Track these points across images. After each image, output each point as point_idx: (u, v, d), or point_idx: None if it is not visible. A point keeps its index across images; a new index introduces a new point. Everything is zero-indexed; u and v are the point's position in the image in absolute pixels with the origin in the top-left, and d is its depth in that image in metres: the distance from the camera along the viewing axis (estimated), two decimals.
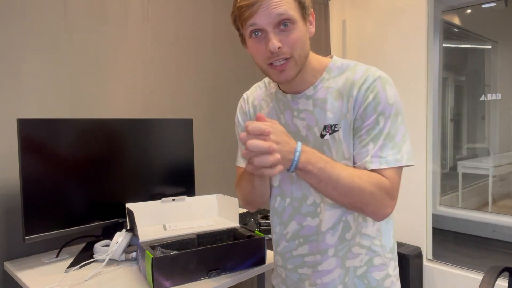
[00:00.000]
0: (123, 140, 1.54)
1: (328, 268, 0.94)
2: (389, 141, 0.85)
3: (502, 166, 2.80)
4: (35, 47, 1.50)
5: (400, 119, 0.87)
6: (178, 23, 1.97)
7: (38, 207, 1.31)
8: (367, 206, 0.84)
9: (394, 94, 0.87)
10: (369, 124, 0.86)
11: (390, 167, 0.84)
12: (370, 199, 0.83)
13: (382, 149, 0.85)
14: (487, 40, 2.77)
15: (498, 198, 2.78)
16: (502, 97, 2.62)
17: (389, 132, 0.85)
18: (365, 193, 0.82)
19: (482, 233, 2.63)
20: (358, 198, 0.83)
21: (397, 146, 0.85)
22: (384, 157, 0.85)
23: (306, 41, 0.87)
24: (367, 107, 0.86)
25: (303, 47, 0.86)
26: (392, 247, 0.98)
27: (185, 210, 1.56)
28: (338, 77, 0.92)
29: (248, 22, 0.85)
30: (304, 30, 0.86)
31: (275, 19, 0.82)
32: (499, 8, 2.57)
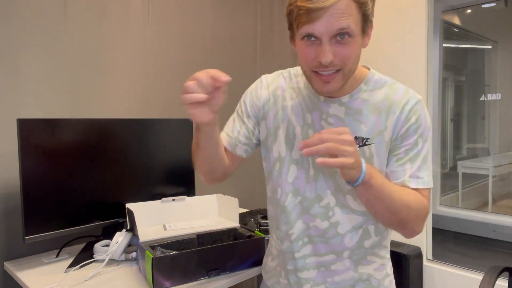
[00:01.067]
0: (123, 140, 1.54)
1: (341, 268, 0.95)
2: (424, 163, 0.88)
3: (502, 166, 2.80)
4: (35, 47, 1.50)
5: (430, 142, 0.91)
6: (178, 23, 1.97)
7: (38, 207, 1.31)
8: (410, 223, 0.86)
9: (429, 119, 0.91)
10: (408, 145, 0.88)
11: (426, 188, 0.88)
12: (414, 217, 0.85)
13: (419, 170, 0.88)
14: (487, 40, 2.77)
15: (498, 198, 2.78)
16: (502, 97, 2.62)
17: (426, 154, 0.89)
18: (411, 210, 0.84)
19: (482, 233, 2.63)
20: (405, 215, 0.84)
21: (429, 168, 0.90)
22: (422, 177, 0.88)
23: (358, 55, 0.84)
24: (409, 128, 0.88)
25: (354, 61, 0.83)
26: (389, 247, 1.02)
27: (185, 210, 1.56)
28: (376, 91, 0.91)
29: (305, 26, 0.78)
30: (360, 43, 0.83)
31: (335, 31, 0.77)
32: (499, 8, 2.57)
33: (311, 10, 0.75)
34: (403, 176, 0.88)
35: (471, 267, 2.13)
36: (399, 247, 2.14)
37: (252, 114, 1.07)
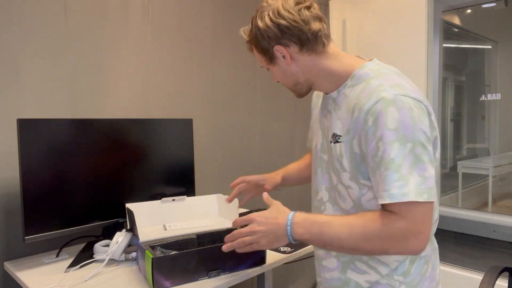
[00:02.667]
0: (123, 140, 1.54)
1: (330, 266, 0.95)
2: (394, 171, 0.77)
3: (502, 166, 2.80)
4: (35, 47, 1.50)
5: (411, 147, 0.77)
6: (179, 23, 1.97)
7: (38, 207, 1.31)
8: (386, 251, 0.79)
9: (399, 119, 0.77)
10: (371, 151, 0.80)
11: (398, 202, 0.76)
12: (386, 245, 0.78)
13: (385, 180, 0.78)
14: (487, 40, 2.77)
15: (498, 198, 2.78)
16: (502, 97, 2.61)
17: (393, 161, 0.77)
18: (374, 241, 0.78)
19: (482, 233, 2.63)
20: (370, 248, 0.79)
21: (403, 178, 0.76)
22: (387, 190, 0.77)
23: (288, 74, 0.95)
24: (368, 131, 0.81)
25: (288, 80, 0.97)
26: (407, 271, 0.90)
27: (185, 210, 1.56)
28: (356, 87, 0.88)
29: None
30: (276, 69, 0.97)
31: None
32: (499, 8, 2.56)
33: None
34: (376, 190, 0.80)
35: (471, 267, 2.13)
36: None
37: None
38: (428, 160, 0.78)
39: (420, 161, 0.77)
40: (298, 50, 0.91)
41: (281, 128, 2.53)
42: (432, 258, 0.95)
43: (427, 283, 0.93)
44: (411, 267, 0.90)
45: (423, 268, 0.92)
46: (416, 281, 0.91)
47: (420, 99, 0.82)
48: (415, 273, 0.91)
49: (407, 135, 0.77)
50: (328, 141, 0.93)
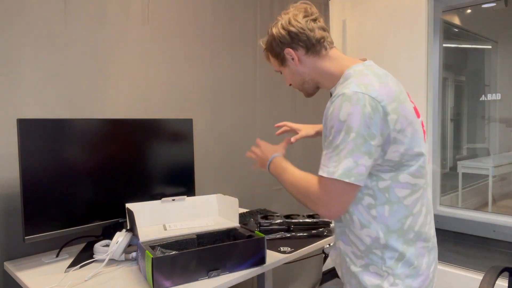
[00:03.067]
0: (123, 140, 1.54)
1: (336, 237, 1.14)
2: (335, 154, 0.94)
3: (502, 166, 2.80)
4: (35, 46, 1.50)
5: (353, 136, 0.92)
6: (178, 23, 1.97)
7: (38, 207, 1.31)
8: (306, 204, 1.03)
9: (349, 112, 0.92)
10: (325, 135, 1.00)
11: (326, 177, 0.95)
12: (304, 200, 1.03)
13: (326, 158, 0.96)
14: (487, 40, 2.77)
15: (498, 198, 2.78)
16: (502, 97, 2.61)
17: (337, 146, 0.94)
18: (299, 194, 1.05)
19: (482, 233, 2.63)
20: (295, 196, 1.06)
21: (338, 160, 0.93)
22: (326, 166, 0.96)
23: (294, 76, 1.14)
24: (326, 119, 0.98)
25: (297, 80, 1.15)
26: (395, 264, 0.99)
27: (185, 210, 1.56)
28: (341, 84, 1.03)
29: None
30: (287, 71, 1.15)
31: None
32: (499, 8, 2.56)
33: None
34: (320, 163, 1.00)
35: (471, 267, 2.13)
36: None
37: None
38: (366, 152, 0.93)
39: (358, 151, 0.92)
40: (305, 53, 1.09)
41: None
42: (425, 256, 1.03)
43: (420, 280, 1.01)
44: (400, 262, 1.00)
45: (414, 264, 1.00)
46: (405, 275, 1.00)
47: (379, 100, 0.93)
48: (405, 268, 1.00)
49: (352, 127, 0.92)
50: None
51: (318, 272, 2.82)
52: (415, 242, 1.01)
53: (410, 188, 0.99)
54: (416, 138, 0.99)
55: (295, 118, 2.60)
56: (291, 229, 1.60)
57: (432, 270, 1.05)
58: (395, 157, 0.96)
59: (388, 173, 0.97)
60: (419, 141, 1.00)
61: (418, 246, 1.01)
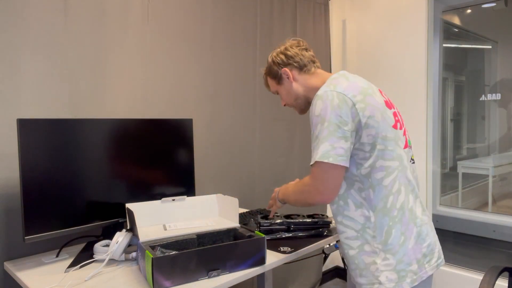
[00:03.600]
0: (123, 140, 1.54)
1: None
2: (316, 144, 1.11)
3: (502, 166, 2.80)
4: (35, 47, 1.50)
5: (326, 125, 1.09)
6: (178, 23, 1.97)
7: (38, 207, 1.31)
8: (306, 201, 1.17)
9: (321, 107, 1.11)
10: (311, 131, 1.15)
11: (312, 164, 1.12)
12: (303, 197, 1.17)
13: (314, 150, 1.12)
14: (487, 40, 2.77)
15: (498, 198, 2.78)
16: (502, 97, 2.61)
17: (317, 137, 1.11)
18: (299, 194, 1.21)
19: (482, 233, 2.63)
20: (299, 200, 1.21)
21: (317, 146, 1.11)
22: (313, 156, 1.12)
23: (288, 93, 1.33)
24: (310, 120, 1.16)
25: (289, 98, 1.35)
26: (384, 240, 1.14)
27: (185, 210, 1.56)
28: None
29: None
30: (283, 89, 1.35)
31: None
32: (499, 8, 2.56)
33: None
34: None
35: (471, 267, 2.13)
36: None
37: None
38: (341, 136, 1.09)
39: (332, 136, 1.09)
40: (298, 72, 1.31)
41: (281, 128, 2.53)
42: (414, 232, 1.16)
43: (411, 254, 1.14)
44: (388, 238, 1.14)
45: (401, 239, 1.14)
46: (395, 249, 1.13)
47: (345, 93, 1.12)
48: (393, 243, 1.14)
49: (325, 117, 1.10)
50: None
51: (318, 272, 2.82)
52: (401, 219, 1.15)
53: (384, 170, 1.14)
54: (385, 124, 1.15)
55: (295, 118, 2.60)
56: (291, 229, 1.60)
57: (426, 245, 1.17)
58: (369, 139, 1.12)
59: (367, 160, 1.13)
60: (388, 127, 1.15)
61: (405, 222, 1.15)
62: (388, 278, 1.13)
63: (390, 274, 1.13)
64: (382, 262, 1.14)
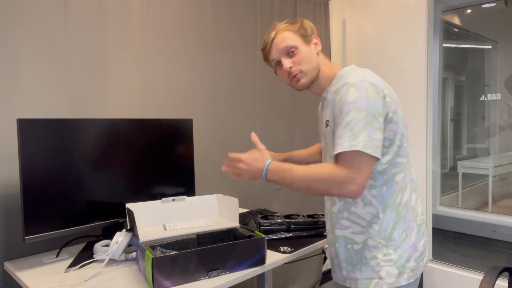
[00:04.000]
0: (123, 140, 1.54)
1: (328, 228, 1.28)
2: (347, 130, 1.03)
3: (502, 166, 2.80)
4: (35, 47, 1.50)
5: (364, 115, 1.03)
6: (178, 23, 1.97)
7: (38, 207, 1.31)
8: (328, 191, 1.05)
9: (357, 95, 1.05)
10: (336, 119, 1.09)
11: (345, 151, 1.03)
12: (328, 186, 1.04)
13: (341, 137, 1.04)
14: (487, 40, 2.77)
15: (498, 198, 2.78)
16: (502, 97, 2.62)
17: (348, 123, 1.04)
18: (318, 184, 1.05)
19: (482, 233, 2.63)
20: (314, 188, 1.06)
21: (354, 135, 1.02)
22: (341, 143, 1.04)
23: (311, 57, 1.19)
24: (335, 107, 1.10)
25: (309, 62, 1.19)
26: (388, 235, 1.13)
27: (185, 210, 1.56)
28: (339, 83, 1.14)
29: (269, 59, 1.24)
30: (307, 50, 1.20)
31: (283, 51, 1.19)
32: (499, 8, 2.56)
33: (265, 48, 1.23)
34: (332, 146, 1.10)
35: (471, 267, 2.13)
36: None
37: None
38: (377, 128, 1.04)
39: (370, 126, 1.03)
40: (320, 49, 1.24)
41: (281, 128, 2.53)
42: (414, 230, 1.17)
43: (410, 251, 1.15)
44: (392, 233, 1.13)
45: (402, 236, 1.14)
46: (396, 245, 1.13)
47: (377, 84, 1.08)
48: (396, 238, 1.13)
49: (362, 107, 1.04)
50: (323, 128, 1.22)
51: (318, 272, 2.82)
52: (405, 216, 1.15)
53: (398, 167, 1.13)
54: (403, 120, 1.15)
55: (295, 118, 2.60)
56: (291, 229, 1.60)
57: (422, 244, 1.19)
58: (390, 135, 1.10)
59: (385, 156, 1.10)
60: (404, 124, 1.16)
61: (408, 219, 1.16)
62: (389, 273, 1.13)
63: (391, 269, 1.13)
64: (383, 257, 1.13)
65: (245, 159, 1.16)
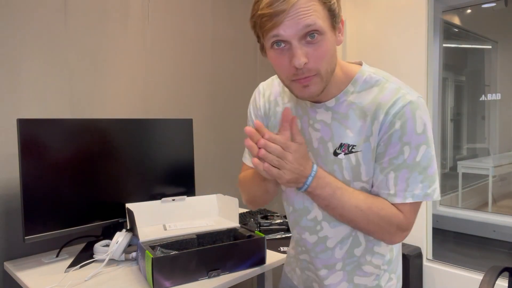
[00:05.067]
0: (123, 140, 1.54)
1: (335, 281, 0.93)
2: (418, 173, 0.79)
3: (502, 166, 2.80)
4: (35, 47, 1.50)
5: (432, 150, 0.80)
6: (178, 23, 1.97)
7: (38, 207, 1.31)
8: (372, 233, 0.84)
9: (424, 122, 0.79)
10: (392, 153, 0.80)
11: (413, 202, 0.80)
12: (376, 229, 0.82)
13: (408, 182, 0.79)
14: (487, 40, 2.77)
15: (498, 198, 2.78)
16: (502, 97, 2.62)
17: (419, 164, 0.79)
18: (370, 223, 0.81)
19: (482, 233, 2.63)
20: (363, 226, 0.83)
21: (428, 179, 0.80)
22: (411, 190, 0.80)
23: (334, 53, 0.79)
24: (393, 135, 0.79)
25: (330, 61, 0.77)
26: (389, 259, 0.94)
27: (185, 210, 1.56)
28: (364, 93, 0.83)
29: (271, 32, 0.74)
30: (333, 41, 0.77)
31: (302, 31, 0.72)
32: (499, 8, 2.57)
33: (274, 15, 0.71)
34: (386, 188, 0.82)
35: (471, 267, 2.13)
36: None
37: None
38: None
39: (435, 162, 0.81)
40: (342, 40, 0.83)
41: None
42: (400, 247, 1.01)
43: (400, 267, 0.98)
44: (392, 255, 0.95)
45: (398, 256, 0.98)
46: (395, 267, 0.96)
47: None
48: (394, 261, 0.96)
49: (430, 139, 0.80)
50: (328, 152, 0.86)
51: None
52: None
53: None
54: None
55: None
56: None
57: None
58: None
59: None
60: None
61: None
62: None
63: None
64: (386, 284, 0.95)
65: (294, 152, 0.77)
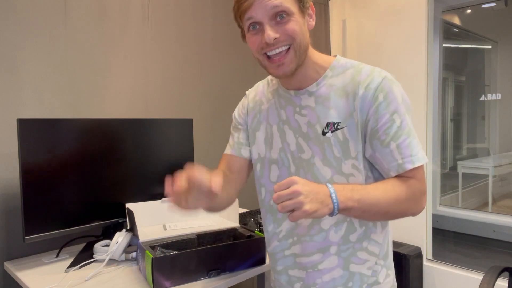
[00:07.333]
0: (123, 140, 1.54)
1: (329, 266, 0.92)
2: (413, 138, 0.86)
3: (502, 166, 2.80)
4: (35, 47, 1.50)
5: (411, 117, 0.88)
6: (178, 23, 1.97)
7: (38, 207, 1.31)
8: (406, 212, 0.86)
9: (402, 93, 0.87)
10: (385, 124, 0.85)
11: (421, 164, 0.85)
12: (407, 206, 0.85)
13: (410, 147, 0.85)
14: (487, 40, 2.77)
15: (498, 198, 2.78)
16: (502, 97, 2.62)
17: (411, 129, 0.86)
18: (401, 203, 0.84)
19: (482, 233, 2.63)
20: (397, 210, 0.85)
21: (417, 143, 0.86)
22: (415, 154, 0.85)
23: (304, 33, 0.87)
24: (379, 107, 0.85)
25: (302, 38, 0.85)
26: (386, 253, 0.95)
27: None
28: (342, 75, 0.91)
29: (245, 15, 0.89)
30: (301, 22, 0.86)
31: (270, 11, 0.83)
32: (499, 8, 2.57)
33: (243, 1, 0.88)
34: (394, 159, 0.85)
35: (471, 267, 2.13)
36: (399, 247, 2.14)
37: (242, 122, 1.14)
38: None
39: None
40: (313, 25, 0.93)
41: None
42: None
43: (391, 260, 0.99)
44: (388, 249, 0.96)
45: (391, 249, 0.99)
46: (390, 262, 0.98)
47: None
48: (389, 256, 0.97)
49: (409, 108, 0.88)
50: (317, 134, 0.91)
51: None
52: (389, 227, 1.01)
53: None
54: None
55: None
56: None
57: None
58: None
59: None
60: None
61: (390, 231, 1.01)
62: None
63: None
64: (385, 280, 0.95)
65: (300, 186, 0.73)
